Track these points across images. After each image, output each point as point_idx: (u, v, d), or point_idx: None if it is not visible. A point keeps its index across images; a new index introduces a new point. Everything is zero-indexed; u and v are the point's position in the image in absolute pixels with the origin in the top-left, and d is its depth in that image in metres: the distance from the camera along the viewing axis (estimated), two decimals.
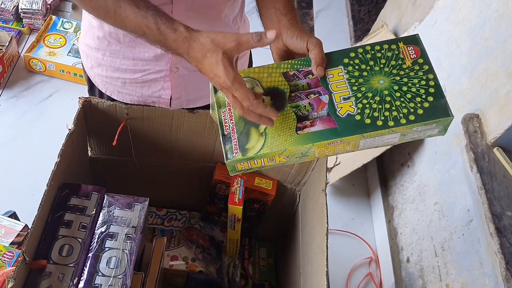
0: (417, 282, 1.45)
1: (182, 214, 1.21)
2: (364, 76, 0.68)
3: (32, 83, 2.02)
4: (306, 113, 0.67)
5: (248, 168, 0.67)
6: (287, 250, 1.14)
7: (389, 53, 0.69)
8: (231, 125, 0.67)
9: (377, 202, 1.79)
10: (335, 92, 0.68)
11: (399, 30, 1.85)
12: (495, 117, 1.16)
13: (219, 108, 0.68)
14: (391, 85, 0.67)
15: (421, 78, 0.67)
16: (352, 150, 0.68)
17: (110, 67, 0.92)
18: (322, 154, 0.67)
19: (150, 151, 1.01)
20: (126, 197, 0.83)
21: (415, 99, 0.65)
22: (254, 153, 0.65)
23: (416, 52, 0.69)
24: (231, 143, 0.66)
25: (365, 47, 0.70)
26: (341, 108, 0.66)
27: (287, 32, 0.72)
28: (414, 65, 0.68)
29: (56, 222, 0.78)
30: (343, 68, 0.69)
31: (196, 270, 1.11)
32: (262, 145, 0.65)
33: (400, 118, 0.64)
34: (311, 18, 2.55)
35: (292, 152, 0.65)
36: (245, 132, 0.66)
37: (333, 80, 0.68)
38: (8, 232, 1.13)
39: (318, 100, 0.68)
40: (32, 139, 1.83)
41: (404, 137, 0.67)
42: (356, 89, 0.67)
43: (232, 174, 0.68)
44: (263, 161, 0.66)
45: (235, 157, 0.65)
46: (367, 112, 0.65)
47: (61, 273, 0.73)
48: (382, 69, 0.68)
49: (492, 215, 1.06)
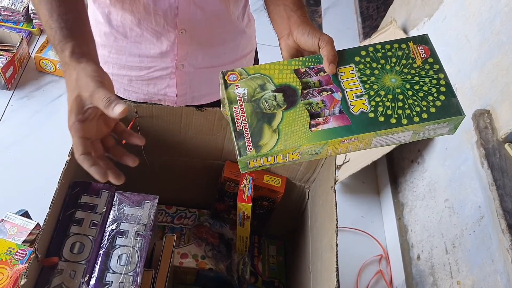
0: (427, 279, 1.45)
1: (192, 212, 1.21)
2: (376, 74, 0.68)
3: (43, 83, 2.04)
4: (319, 110, 0.67)
5: (260, 165, 0.67)
6: (297, 248, 1.14)
7: (399, 52, 0.70)
8: (243, 122, 0.66)
9: (387, 200, 1.79)
10: (347, 90, 0.68)
11: (408, 26, 1.83)
12: (506, 113, 1.15)
13: (231, 104, 0.68)
14: (403, 83, 0.67)
15: (432, 77, 0.68)
16: (364, 148, 0.68)
17: (116, 65, 0.93)
18: (335, 152, 0.67)
19: (159, 149, 1.01)
20: (136, 195, 0.84)
21: (427, 98, 0.66)
22: (268, 149, 0.64)
23: (426, 51, 0.70)
24: (244, 140, 0.65)
25: (376, 46, 0.71)
26: (355, 105, 0.66)
27: (297, 29, 0.72)
28: (425, 65, 0.69)
29: (67, 220, 0.78)
30: (355, 66, 0.69)
31: (206, 268, 1.11)
32: (276, 142, 0.65)
33: (413, 116, 0.65)
34: (319, 16, 2.54)
35: (306, 149, 0.65)
36: (258, 129, 0.66)
37: (345, 78, 0.69)
38: (21, 230, 1.14)
39: (331, 97, 0.68)
40: (43, 139, 1.85)
41: (416, 136, 0.67)
42: (369, 87, 0.67)
43: (243, 172, 0.68)
44: (276, 158, 0.66)
45: (249, 154, 0.64)
46: (380, 110, 0.65)
47: (73, 270, 0.73)
48: (393, 67, 0.69)
49: (504, 211, 1.05)
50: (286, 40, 0.74)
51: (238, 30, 0.95)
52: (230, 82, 0.70)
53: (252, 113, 0.67)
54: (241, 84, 0.69)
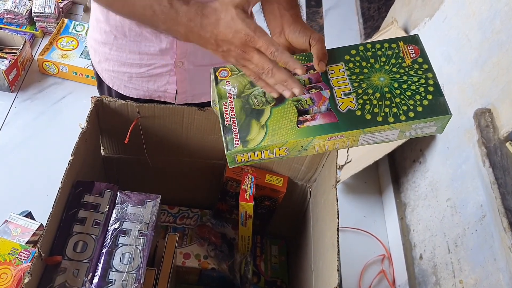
0: (430, 279, 1.44)
1: (194, 212, 1.22)
2: (365, 73, 0.69)
3: (46, 85, 2.05)
4: (307, 107, 0.68)
5: (247, 160, 0.68)
6: (299, 247, 1.14)
7: (389, 51, 0.71)
8: (232, 117, 0.67)
9: (389, 199, 1.79)
10: (336, 88, 0.69)
11: (409, 26, 1.84)
12: (507, 111, 1.15)
13: (220, 100, 0.69)
14: (391, 82, 0.68)
15: (420, 77, 0.68)
16: (352, 145, 0.69)
17: (117, 62, 0.94)
18: (322, 149, 0.68)
19: (161, 149, 1.02)
20: (139, 194, 0.84)
21: (415, 97, 0.67)
22: (255, 144, 0.65)
23: (416, 51, 0.71)
24: (232, 135, 0.66)
25: (366, 45, 0.72)
26: (342, 103, 0.67)
27: (289, 27, 0.73)
28: (414, 64, 0.70)
29: (70, 219, 0.79)
30: (344, 65, 0.70)
31: (209, 268, 1.12)
32: (263, 137, 0.65)
33: (400, 115, 0.66)
34: (320, 17, 2.55)
35: (293, 145, 0.66)
36: (246, 124, 0.67)
37: (334, 76, 0.70)
38: (24, 231, 1.15)
39: (319, 94, 0.68)
40: (46, 141, 1.86)
41: (403, 134, 0.68)
42: (357, 85, 0.68)
43: (231, 166, 0.69)
44: (263, 153, 0.66)
45: (235, 148, 0.65)
46: (367, 108, 0.66)
47: (76, 269, 0.74)
48: (382, 66, 0.70)
49: (506, 209, 1.05)
50: (278, 38, 0.75)
51: None
52: (221, 78, 0.71)
53: (241, 109, 0.68)
54: (232, 80, 0.70)
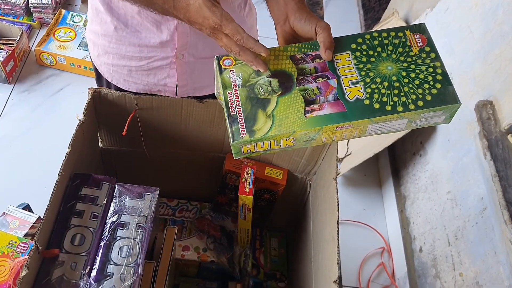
0: (430, 271, 1.44)
1: (193, 205, 1.21)
2: (372, 61, 0.68)
3: (43, 77, 2.04)
4: (314, 97, 0.66)
5: (253, 151, 0.66)
6: (299, 240, 1.14)
7: (396, 40, 0.70)
8: (237, 106, 0.66)
9: (389, 192, 1.78)
10: (343, 77, 0.67)
11: (410, 17, 1.82)
12: (509, 103, 1.14)
13: (225, 89, 0.68)
14: (399, 71, 0.67)
15: (428, 66, 0.67)
16: (359, 135, 0.67)
17: (116, 55, 0.93)
18: (329, 139, 0.67)
19: (160, 141, 1.01)
20: (137, 187, 0.83)
21: (423, 86, 0.66)
22: (262, 134, 0.64)
23: (422, 40, 0.70)
24: (238, 124, 0.65)
25: (372, 34, 0.71)
26: (350, 92, 0.66)
27: (294, 15, 0.71)
28: (421, 53, 0.68)
29: (68, 212, 0.78)
30: (351, 53, 0.69)
31: (208, 260, 1.11)
32: (270, 127, 0.64)
33: (409, 104, 0.64)
34: (320, 8, 2.53)
35: (300, 136, 0.65)
36: (252, 114, 0.65)
37: (341, 65, 0.68)
38: (22, 224, 1.14)
39: (326, 84, 0.67)
40: (44, 133, 1.85)
41: (411, 124, 0.67)
42: (364, 74, 0.67)
43: (236, 157, 0.67)
44: (270, 143, 0.65)
45: (242, 138, 0.64)
46: (376, 97, 0.65)
47: (74, 262, 0.73)
48: (389, 55, 0.68)
49: (507, 202, 1.04)
50: (283, 26, 0.73)
51: (238, 19, 0.94)
52: (225, 67, 0.69)
53: (246, 98, 0.66)
54: (236, 69, 0.69)
